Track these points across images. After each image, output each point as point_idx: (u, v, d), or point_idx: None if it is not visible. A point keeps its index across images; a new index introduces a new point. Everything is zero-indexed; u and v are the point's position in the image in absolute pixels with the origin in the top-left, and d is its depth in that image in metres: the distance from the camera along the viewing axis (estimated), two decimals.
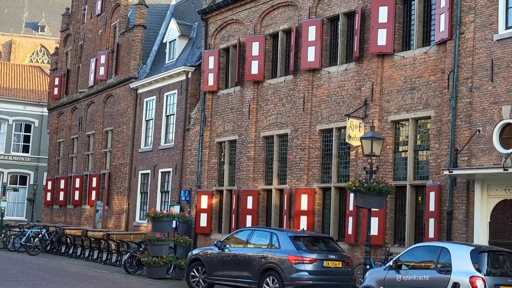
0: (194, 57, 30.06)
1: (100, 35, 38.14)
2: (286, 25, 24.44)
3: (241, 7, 26.49)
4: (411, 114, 19.63)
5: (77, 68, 40.69)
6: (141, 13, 34.29)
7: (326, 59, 22.74)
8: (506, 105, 17.05)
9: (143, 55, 34.17)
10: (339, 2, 22.45)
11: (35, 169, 51.40)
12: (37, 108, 51.83)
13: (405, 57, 20.00)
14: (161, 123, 31.56)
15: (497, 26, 17.53)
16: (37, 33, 74.71)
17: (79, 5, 41.80)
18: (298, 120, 23.21)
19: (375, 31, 20.45)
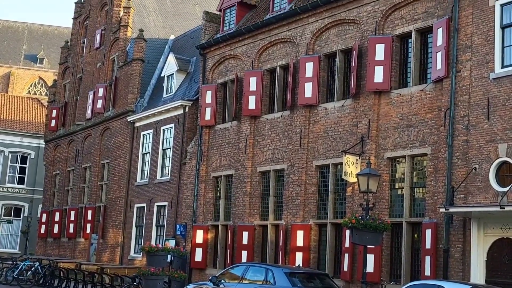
0: (192, 91, 30.18)
1: (98, 68, 38.34)
2: (284, 61, 24.61)
3: (239, 42, 26.69)
4: (407, 151, 19.66)
5: (74, 100, 40.81)
6: (140, 47, 34.52)
7: (323, 95, 22.84)
8: (502, 143, 17.10)
9: (141, 89, 34.29)
10: (336, 39, 22.64)
11: (30, 201, 51.16)
12: (34, 140, 51.79)
13: (401, 95, 20.10)
14: (157, 157, 31.55)
15: (493, 65, 17.66)
16: (35, 65, 75.02)
17: (79, 38, 42.10)
18: (294, 156, 23.22)
19: (372, 68, 20.59)
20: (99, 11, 39.81)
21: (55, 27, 78.53)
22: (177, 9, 41.04)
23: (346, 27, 22.39)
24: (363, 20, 21.59)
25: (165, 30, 38.67)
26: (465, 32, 18.48)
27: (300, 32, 23.91)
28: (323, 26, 23.04)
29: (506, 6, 17.67)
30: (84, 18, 41.96)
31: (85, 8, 42.05)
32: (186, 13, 41.20)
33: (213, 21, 29.20)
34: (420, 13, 20.02)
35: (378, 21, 21.04)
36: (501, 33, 17.69)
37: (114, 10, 37.31)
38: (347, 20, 22.24)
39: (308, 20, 23.60)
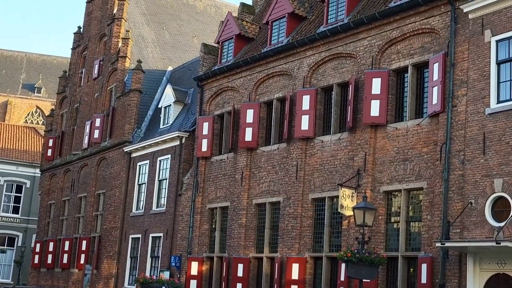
0: (189, 122, 30.25)
1: (96, 98, 38.46)
2: (281, 94, 24.73)
3: (237, 75, 26.85)
4: (403, 185, 19.67)
5: (71, 130, 40.84)
6: (138, 78, 34.67)
7: (319, 128, 22.92)
8: (498, 178, 17.13)
9: (138, 119, 34.36)
10: (333, 72, 22.80)
11: (24, 231, 50.85)
12: (30, 169, 51.68)
13: (398, 129, 20.18)
14: (153, 188, 31.49)
15: (489, 100, 17.78)
16: (33, 94, 75.20)
17: (77, 68, 42.29)
18: (290, 188, 23.21)
19: (368, 102, 20.70)
20: (98, 42, 40.05)
21: (54, 57, 78.88)
22: (176, 41, 41.32)
23: (343, 61, 22.56)
24: (359, 54, 21.76)
25: (163, 61, 38.89)
26: (461, 67, 18.64)
27: (297, 65, 24.08)
28: (320, 59, 23.21)
29: (501, 42, 17.85)
30: (82, 48, 42.20)
31: (84, 38, 42.32)
32: (184, 45, 41.47)
33: (211, 53, 29.40)
34: (416, 48, 20.20)
35: (374, 55, 21.20)
36: (496, 69, 17.84)
37: (113, 41, 37.55)
38: (344, 54, 22.43)
39: (305, 54, 23.79)
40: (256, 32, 28.11)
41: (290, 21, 25.31)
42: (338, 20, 22.93)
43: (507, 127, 17.19)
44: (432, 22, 19.70)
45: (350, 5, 22.88)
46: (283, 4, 25.54)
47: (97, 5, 41.37)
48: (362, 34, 21.79)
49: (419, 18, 20.08)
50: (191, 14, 44.18)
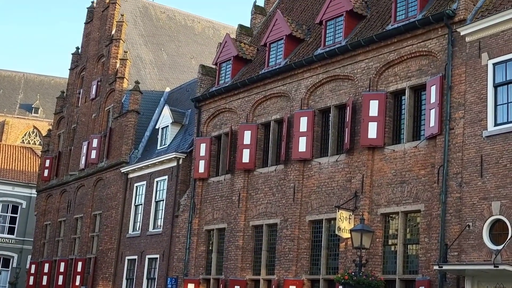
0: (186, 143, 30.24)
1: (93, 118, 38.46)
2: (278, 115, 24.76)
3: (234, 96, 26.89)
4: (401, 207, 19.63)
5: (68, 150, 40.79)
6: (135, 99, 34.71)
7: (317, 150, 22.91)
8: (495, 201, 17.10)
9: (135, 140, 34.35)
10: (330, 94, 22.84)
11: (19, 252, 50.54)
12: (26, 190, 51.49)
13: (395, 151, 20.18)
14: (150, 209, 31.39)
15: (486, 123, 17.81)
16: (30, 114, 75.18)
17: (75, 88, 42.34)
18: (288, 210, 23.14)
19: (366, 124, 20.72)
20: (96, 63, 40.15)
21: (52, 77, 79.00)
22: (174, 62, 41.44)
23: (340, 83, 22.62)
24: (357, 77, 21.83)
25: (161, 82, 38.98)
26: (458, 90, 18.69)
27: (295, 87, 24.13)
28: (317, 81, 23.27)
29: (498, 65, 17.93)
30: (80, 69, 42.29)
31: (82, 59, 42.43)
32: (182, 66, 41.60)
33: (208, 74, 29.47)
34: (413, 70, 20.27)
35: (372, 77, 21.27)
36: (493, 92, 17.90)
37: (111, 62, 37.65)
38: (342, 76, 22.49)
39: (303, 76, 23.86)
40: (254, 53, 28.21)
41: (288, 43, 25.41)
42: (336, 43, 23.02)
43: (505, 149, 17.21)
44: (429, 45, 19.79)
45: (347, 28, 23.00)
46: (281, 27, 25.65)
47: (95, 26, 41.54)
48: (359, 57, 21.87)
49: (416, 41, 20.17)
50: (189, 35, 44.37)
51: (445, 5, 19.67)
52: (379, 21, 22.25)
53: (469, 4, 19.01)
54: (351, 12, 23.05)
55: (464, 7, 18.91)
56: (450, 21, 19.08)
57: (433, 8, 20.13)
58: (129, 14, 40.79)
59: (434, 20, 19.42)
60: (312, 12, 27.48)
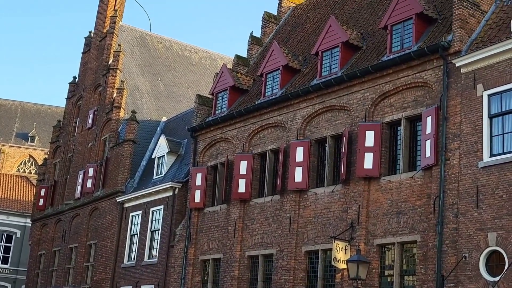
0: (182, 173, 30.21)
1: (89, 148, 38.45)
2: (274, 145, 24.79)
3: (231, 126, 26.94)
4: (397, 238, 19.57)
5: (64, 179, 40.69)
6: (132, 128, 34.75)
7: (313, 180, 22.90)
8: (492, 232, 17.07)
9: (131, 170, 34.30)
10: (326, 125, 22.91)
11: (13, 282, 50.14)
12: (21, 219, 51.25)
13: (391, 181, 20.19)
14: (145, 238, 31.24)
15: (481, 154, 17.85)
16: (26, 143, 75.10)
17: (71, 118, 42.40)
18: (283, 241, 23.05)
19: (362, 154, 20.75)
20: (93, 92, 40.27)
21: (48, 106, 79.13)
22: (170, 91, 41.58)
23: (336, 113, 22.70)
24: (353, 107, 21.92)
25: (157, 112, 39.06)
26: (454, 121, 18.77)
27: (291, 117, 24.21)
28: (313, 111, 23.35)
29: (493, 96, 18.02)
30: (77, 98, 42.40)
31: (79, 88, 42.56)
32: (179, 96, 41.73)
33: (205, 104, 29.55)
34: (409, 101, 20.36)
35: (368, 108, 21.36)
36: (489, 123, 17.97)
37: (108, 91, 37.77)
38: (338, 106, 22.58)
39: (299, 106, 23.94)
40: (251, 84, 28.34)
41: (284, 74, 25.56)
42: (332, 73, 23.16)
43: (500, 180, 17.23)
44: (425, 76, 19.91)
45: (343, 59, 23.15)
46: (278, 57, 25.82)
47: (92, 55, 41.76)
48: (355, 87, 21.99)
49: (411, 72, 20.30)
50: (186, 65, 44.58)
51: (440, 37, 19.84)
52: (375, 52, 22.42)
53: (464, 36, 19.19)
54: (347, 43, 23.23)
55: (459, 38, 19.08)
56: (445, 53, 19.23)
57: (428, 40, 20.30)
58: (126, 44, 41.03)
59: (430, 52, 19.57)
60: (308, 43, 27.69)
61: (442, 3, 21.74)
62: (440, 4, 21.75)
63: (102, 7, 41.94)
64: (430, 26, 21.01)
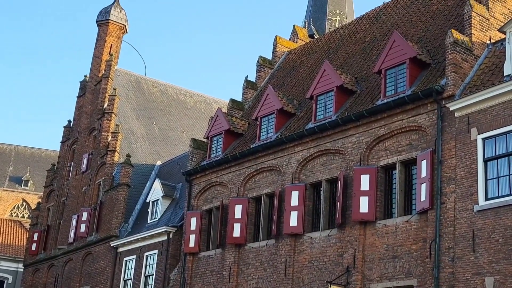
0: (177, 217, 30.05)
1: (83, 192, 38.29)
2: (270, 189, 24.74)
3: (226, 170, 26.91)
4: (393, 282, 19.41)
5: (57, 224, 40.41)
6: (126, 172, 34.68)
7: (308, 225, 22.80)
8: (489, 277, 16.95)
9: (126, 214, 34.11)
10: (322, 168, 22.91)
11: None
12: (13, 264, 50.66)
13: (387, 225, 20.11)
14: (139, 284, 30.88)
15: (477, 197, 17.85)
16: (20, 187, 74.79)
17: (65, 161, 42.30)
18: (279, 286, 22.83)
19: (357, 198, 20.71)
20: (87, 136, 40.29)
21: (42, 150, 79.04)
22: (165, 135, 41.64)
23: (331, 157, 22.73)
24: (348, 151, 21.96)
25: (152, 156, 39.04)
26: (449, 164, 18.80)
27: (286, 161, 24.22)
28: (308, 155, 23.38)
29: (488, 140, 18.11)
30: (72, 142, 42.39)
31: (74, 132, 42.58)
32: (174, 139, 41.77)
33: (200, 148, 29.57)
34: (404, 145, 20.42)
35: (363, 152, 21.40)
36: (483, 166, 18.02)
37: (102, 135, 37.79)
38: (333, 150, 22.62)
39: (294, 150, 23.97)
40: (245, 127, 28.41)
41: (279, 117, 25.66)
42: (327, 117, 23.26)
43: (496, 224, 17.19)
44: (419, 120, 20.01)
45: (338, 103, 23.29)
46: (272, 101, 25.94)
47: (88, 99, 41.89)
48: (350, 131, 22.06)
49: (406, 116, 20.41)
50: (181, 109, 44.74)
51: (434, 81, 20.01)
52: (369, 96, 22.57)
53: (458, 80, 19.36)
54: (341, 87, 23.40)
55: (453, 83, 19.25)
56: (439, 97, 19.37)
57: (422, 84, 20.47)
58: (121, 88, 41.21)
59: (423, 96, 19.72)
60: (303, 87, 27.88)
61: (435, 48, 21.99)
62: (433, 49, 22.00)
63: (98, 51, 42.23)
64: (423, 70, 21.21)
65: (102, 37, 42.04)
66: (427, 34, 23.44)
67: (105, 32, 41.91)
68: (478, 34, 20.50)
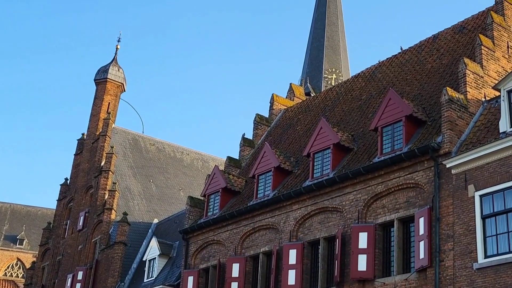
0: (173, 276, 29.72)
1: (79, 250, 37.96)
2: (267, 247, 24.54)
3: (223, 228, 26.75)
4: None
5: (52, 283, 39.92)
6: (123, 230, 34.48)
7: (306, 283, 22.54)
8: None
9: (122, 272, 33.77)
10: (319, 226, 22.79)
11: None
12: None
13: (385, 283, 19.90)
14: None
15: (476, 255, 17.71)
16: (15, 246, 74.20)
17: (61, 220, 42.08)
18: None
19: (356, 256, 20.54)
20: (84, 194, 40.19)
21: (38, 208, 78.74)
22: (162, 193, 41.56)
23: (329, 215, 22.64)
24: (346, 209, 21.89)
25: (149, 214, 38.89)
26: (447, 221, 18.73)
27: (283, 219, 24.10)
28: (306, 213, 23.28)
29: (485, 197, 18.07)
30: (68, 200, 42.26)
31: (71, 190, 42.49)
32: (171, 197, 41.68)
33: (197, 206, 29.45)
34: (401, 202, 20.37)
35: (360, 209, 21.33)
36: (482, 223, 17.93)
37: (99, 193, 37.70)
38: (330, 208, 22.55)
39: (291, 207, 23.89)
40: (243, 185, 28.37)
41: (276, 175, 25.64)
42: (324, 175, 23.26)
43: (496, 282, 17.01)
44: (416, 177, 20.02)
45: (335, 160, 23.33)
46: (269, 159, 25.98)
47: (85, 157, 41.94)
48: (347, 189, 22.04)
49: (403, 173, 20.43)
50: (178, 167, 44.79)
51: (430, 138, 20.10)
52: (366, 154, 22.63)
53: (454, 137, 19.46)
54: (338, 145, 23.48)
55: (449, 140, 19.34)
56: (436, 154, 19.43)
57: (419, 141, 20.55)
58: (119, 146, 41.34)
59: (420, 153, 19.77)
60: (300, 144, 27.96)
61: (431, 105, 22.17)
62: (429, 107, 22.18)
63: (95, 109, 42.54)
64: (419, 127, 21.33)
65: (100, 95, 42.43)
66: (423, 92, 23.67)
67: (103, 90, 42.32)
68: (473, 92, 20.71)
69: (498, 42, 22.44)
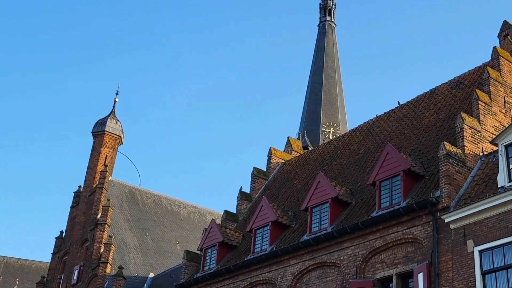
0: None
1: None
2: None
3: (219, 283, 26.43)
4: None
5: None
6: (118, 284, 34.06)
7: None
8: None
9: None
10: (317, 281, 22.51)
11: None
12: None
13: None
14: None
15: None
16: None
17: (56, 273, 41.55)
18: None
19: None
20: (80, 247, 39.79)
21: (32, 262, 77.91)
22: (158, 247, 41.17)
23: (327, 270, 22.38)
24: (344, 263, 21.65)
25: (145, 267, 38.44)
26: (446, 277, 18.51)
27: (281, 273, 23.82)
28: (304, 268, 23.02)
29: (484, 252, 17.89)
30: (63, 253, 41.81)
31: (66, 243, 42.08)
32: (167, 251, 41.28)
33: (193, 260, 29.14)
34: (400, 257, 20.17)
35: (358, 264, 21.10)
36: (482, 279, 17.71)
37: (95, 246, 37.34)
38: (328, 263, 22.31)
39: (289, 262, 23.63)
40: (240, 239, 28.12)
41: (274, 229, 25.44)
42: (322, 229, 23.08)
43: None
44: (415, 232, 19.87)
45: (333, 214, 23.19)
46: (267, 213, 25.82)
47: (81, 210, 41.69)
48: (345, 243, 21.84)
49: (401, 227, 20.28)
50: (174, 220, 44.51)
51: (428, 193, 20.02)
52: (364, 208, 22.51)
53: (452, 192, 19.38)
54: (336, 199, 23.38)
55: (447, 194, 19.26)
56: (434, 209, 19.33)
57: (417, 196, 20.47)
58: (115, 199, 41.14)
59: (418, 208, 19.67)
60: (298, 198, 27.84)
61: (429, 159, 22.16)
62: (427, 161, 22.17)
63: (93, 162, 42.46)
64: (417, 182, 21.28)
65: (97, 148, 42.42)
66: (420, 146, 23.71)
67: (101, 143, 42.33)
68: (470, 146, 20.74)
69: (494, 97, 22.59)
